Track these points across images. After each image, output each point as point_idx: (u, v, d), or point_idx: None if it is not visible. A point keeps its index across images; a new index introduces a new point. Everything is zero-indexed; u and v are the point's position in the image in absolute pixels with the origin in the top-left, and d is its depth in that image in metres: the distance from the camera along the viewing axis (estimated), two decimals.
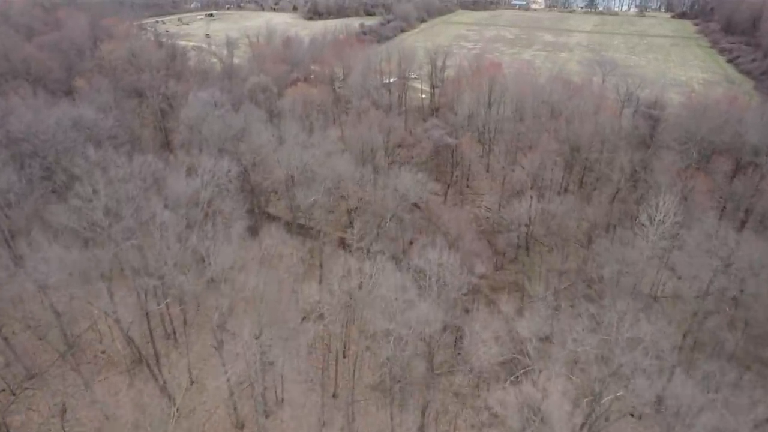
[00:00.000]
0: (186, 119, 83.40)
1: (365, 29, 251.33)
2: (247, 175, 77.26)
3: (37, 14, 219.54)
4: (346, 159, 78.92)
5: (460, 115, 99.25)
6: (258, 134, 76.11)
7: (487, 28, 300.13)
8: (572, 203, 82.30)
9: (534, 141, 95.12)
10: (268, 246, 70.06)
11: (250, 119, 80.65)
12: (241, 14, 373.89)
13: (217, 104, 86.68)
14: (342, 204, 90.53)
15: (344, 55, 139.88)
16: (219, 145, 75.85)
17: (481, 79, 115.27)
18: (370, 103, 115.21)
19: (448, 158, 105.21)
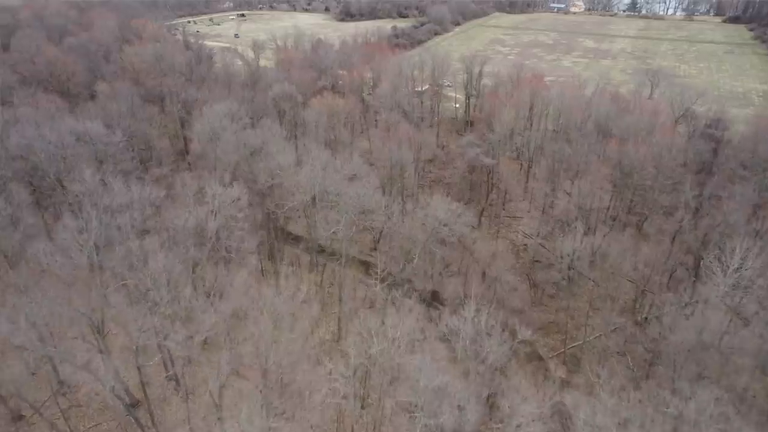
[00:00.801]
0: (200, 134, 77.37)
1: (397, 32, 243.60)
2: (262, 199, 70.52)
3: (71, 15, 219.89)
4: (371, 182, 71.15)
5: (498, 133, 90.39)
6: (276, 153, 69.23)
7: (524, 32, 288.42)
8: (625, 240, 72.53)
9: (581, 164, 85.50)
10: (284, 278, 62.93)
11: (268, 136, 73.83)
12: (272, 14, 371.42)
13: (234, 118, 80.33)
14: (367, 232, 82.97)
15: (374, 62, 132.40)
16: (233, 165, 69.41)
17: (521, 92, 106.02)
18: (399, 114, 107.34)
19: (483, 178, 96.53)
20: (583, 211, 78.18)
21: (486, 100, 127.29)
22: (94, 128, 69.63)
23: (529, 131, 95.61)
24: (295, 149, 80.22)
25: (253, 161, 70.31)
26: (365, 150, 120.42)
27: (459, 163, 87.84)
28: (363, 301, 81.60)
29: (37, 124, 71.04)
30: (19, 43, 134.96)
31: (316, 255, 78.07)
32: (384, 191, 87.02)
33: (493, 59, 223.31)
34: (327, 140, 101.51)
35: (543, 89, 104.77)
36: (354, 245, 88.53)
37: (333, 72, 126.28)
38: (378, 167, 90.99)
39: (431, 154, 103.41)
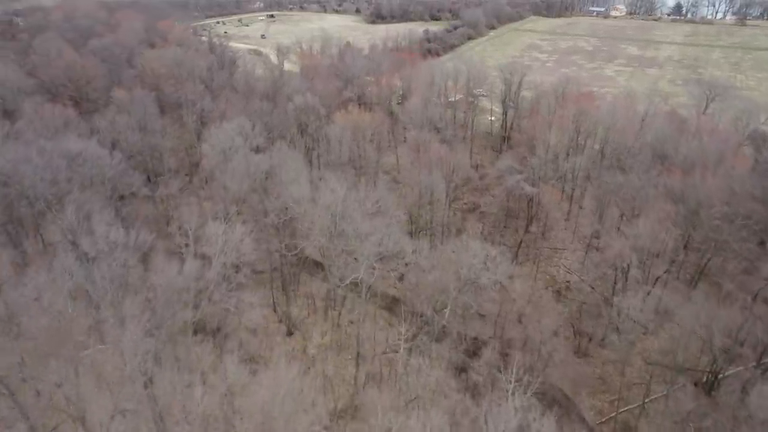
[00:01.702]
0: (209, 155, 70.13)
1: (429, 36, 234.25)
2: (276, 231, 62.49)
3: (100, 16, 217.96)
4: (397, 217, 62.41)
5: (540, 157, 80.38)
6: (290, 183, 61.16)
7: (562, 37, 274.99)
8: (692, 293, 61.77)
9: (637, 197, 74.80)
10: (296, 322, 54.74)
11: (283, 161, 65.79)
12: (302, 16, 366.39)
13: (247, 137, 72.71)
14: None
15: (404, 70, 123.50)
16: (242, 193, 61.78)
17: (565, 109, 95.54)
18: (430, 130, 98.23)
19: (522, 207, 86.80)
20: (640, 254, 67.62)
21: (525, 114, 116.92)
22: (90, 149, 62.66)
23: (575, 156, 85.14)
24: (312, 170, 71.96)
25: (264, 192, 62.55)
26: (392, 167, 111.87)
27: (497, 190, 78.43)
28: (385, 344, 72.95)
29: (28, 143, 64.89)
30: (39, 46, 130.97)
31: (334, 291, 69.70)
32: (411, 221, 78.22)
33: (530, 67, 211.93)
34: (351, 158, 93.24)
35: (592, 108, 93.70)
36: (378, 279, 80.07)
37: (360, 81, 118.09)
38: (405, 193, 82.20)
39: (464, 175, 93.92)
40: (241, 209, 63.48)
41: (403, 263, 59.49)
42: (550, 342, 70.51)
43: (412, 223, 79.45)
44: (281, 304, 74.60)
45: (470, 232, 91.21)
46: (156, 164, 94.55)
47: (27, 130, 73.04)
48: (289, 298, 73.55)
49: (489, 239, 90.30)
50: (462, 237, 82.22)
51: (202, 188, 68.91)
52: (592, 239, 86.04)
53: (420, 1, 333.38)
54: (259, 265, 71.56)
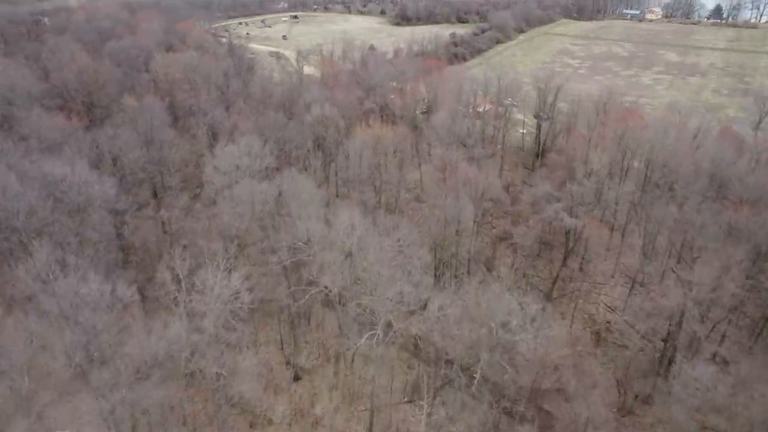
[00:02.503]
0: (211, 180, 63.31)
1: (456, 40, 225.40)
2: (283, 271, 55.25)
3: (121, 17, 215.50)
4: (419, 256, 54.56)
5: (582, 184, 71.49)
6: (299, 218, 53.72)
7: (595, 42, 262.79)
8: (754, 347, 52.47)
9: (696, 237, 65.45)
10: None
11: (293, 188, 58.42)
12: (326, 17, 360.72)
13: (256, 157, 65.54)
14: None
15: (430, 78, 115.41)
16: (244, 229, 54.55)
17: (608, 127, 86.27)
18: (457, 147, 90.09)
19: (559, 238, 78.11)
20: (699, 305, 58.46)
21: (561, 128, 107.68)
22: (78, 172, 56.02)
23: (618, 180, 75.89)
24: (329, 186, 64.30)
25: (272, 227, 55.35)
26: (415, 183, 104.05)
27: (532, 220, 69.94)
28: (404, 390, 65.18)
29: (10, 165, 58.91)
30: (50, 49, 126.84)
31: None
32: (436, 253, 70.21)
33: (562, 73, 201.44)
34: (371, 176, 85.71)
35: (637, 125, 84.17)
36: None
37: (382, 91, 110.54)
38: (429, 215, 74.30)
39: (495, 197, 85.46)
40: (245, 243, 56.67)
41: (428, 318, 51.73)
42: (589, 395, 62.27)
43: (437, 255, 71.47)
44: (289, 342, 67.49)
45: (501, 266, 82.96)
46: (165, 178, 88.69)
47: (17, 148, 67.19)
48: (298, 338, 66.27)
49: (521, 272, 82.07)
50: (492, 274, 74.07)
51: (206, 217, 62.26)
52: (637, 274, 76.86)
53: (446, 3, 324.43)
54: (268, 295, 64.90)
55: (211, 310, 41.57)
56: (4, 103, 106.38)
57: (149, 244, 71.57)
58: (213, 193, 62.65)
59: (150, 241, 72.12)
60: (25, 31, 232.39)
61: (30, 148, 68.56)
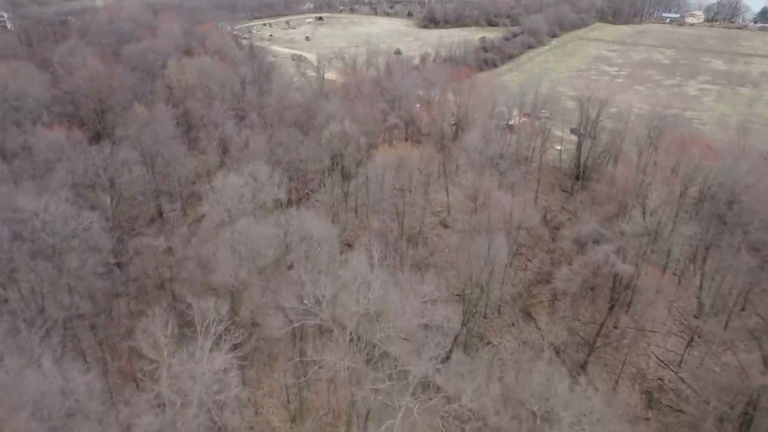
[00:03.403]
0: (209, 214, 55.55)
1: (486, 44, 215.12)
2: (285, 336, 46.80)
3: (143, 18, 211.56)
4: (446, 313, 45.65)
5: (637, 223, 61.46)
6: (308, 270, 45.36)
7: (633, 48, 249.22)
8: None
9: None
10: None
11: (300, 229, 50.04)
12: (351, 18, 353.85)
13: (262, 188, 57.44)
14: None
15: (460, 92, 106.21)
16: (240, 285, 46.36)
17: (664, 154, 75.89)
18: (490, 170, 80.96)
19: (605, 283, 68.20)
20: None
21: (605, 149, 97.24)
22: (51, 212, 48.69)
23: (683, 222, 65.57)
24: (347, 213, 56.05)
25: (274, 276, 47.26)
26: (441, 205, 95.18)
27: (577, 262, 60.31)
28: None
29: None
30: (63, 53, 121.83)
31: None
32: (464, 302, 61.27)
33: (599, 82, 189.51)
34: (395, 203, 77.13)
35: (702, 154, 73.25)
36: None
37: (408, 104, 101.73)
38: (457, 261, 65.36)
39: (531, 226, 75.93)
40: (243, 299, 48.78)
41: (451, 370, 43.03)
42: None
43: (465, 299, 62.50)
44: (293, 400, 59.30)
45: (537, 305, 73.44)
46: (169, 197, 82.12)
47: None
48: (304, 408, 57.71)
49: (558, 314, 72.43)
50: (530, 325, 64.72)
51: (201, 261, 54.81)
52: (696, 324, 66.59)
53: (476, 5, 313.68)
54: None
55: (191, 401, 33.64)
56: (11, 110, 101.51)
57: (145, 282, 64.59)
58: (212, 230, 54.97)
59: (146, 278, 65.14)
60: (50, 32, 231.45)
61: (14, 171, 62.36)
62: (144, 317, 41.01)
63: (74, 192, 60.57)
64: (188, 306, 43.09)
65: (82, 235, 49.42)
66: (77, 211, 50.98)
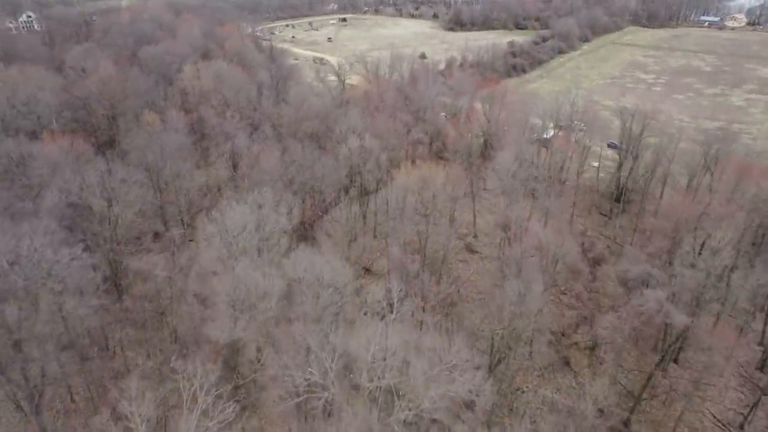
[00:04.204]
0: (203, 252, 49.10)
1: (515, 49, 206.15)
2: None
3: (165, 18, 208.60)
4: None
5: (694, 263, 53.19)
6: (311, 330, 38.40)
7: (670, 53, 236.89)
8: None
9: None
10: None
11: (307, 274, 43.31)
12: (375, 20, 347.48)
13: (264, 213, 50.89)
14: None
15: (488, 97, 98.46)
16: (234, 344, 39.69)
17: (723, 182, 67.09)
18: (523, 193, 73.23)
19: (655, 332, 59.84)
20: None
21: (648, 168, 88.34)
22: (26, 247, 43.04)
23: (747, 263, 57.04)
24: (366, 236, 49.17)
25: (274, 329, 40.46)
26: (467, 227, 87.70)
27: (626, 312, 52.29)
28: None
29: None
30: (77, 56, 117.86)
31: None
32: (492, 351, 53.93)
33: (634, 90, 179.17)
34: (418, 230, 70.00)
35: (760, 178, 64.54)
36: None
37: (433, 117, 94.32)
38: (485, 301, 57.92)
39: (570, 263, 67.80)
40: (237, 364, 42.50)
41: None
42: None
43: (494, 344, 55.11)
44: None
45: (575, 352, 65.40)
46: (179, 206, 76.63)
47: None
48: None
49: (599, 360, 64.32)
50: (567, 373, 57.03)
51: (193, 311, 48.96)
52: (757, 371, 57.90)
53: (503, 8, 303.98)
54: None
55: None
56: (19, 116, 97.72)
57: (145, 307, 58.93)
58: (212, 263, 48.66)
59: (148, 302, 59.49)
60: (74, 33, 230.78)
61: (4, 188, 57.26)
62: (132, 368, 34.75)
63: (67, 215, 55.37)
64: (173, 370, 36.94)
65: (62, 273, 43.68)
66: (58, 246, 45.31)
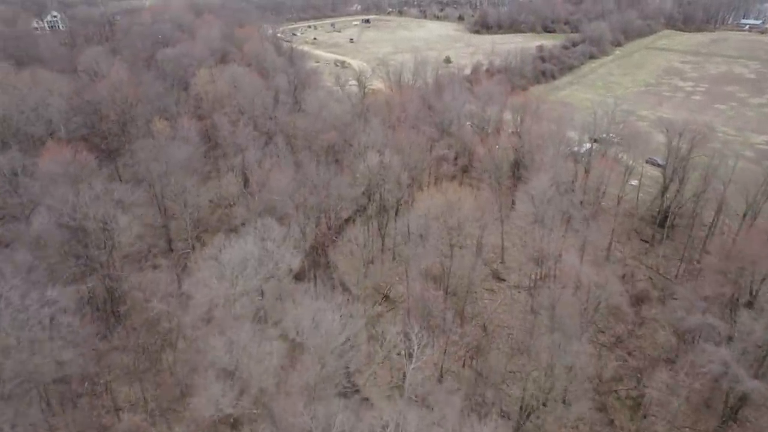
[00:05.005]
0: (193, 300, 43.10)
1: (544, 54, 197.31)
2: None
3: (185, 19, 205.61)
4: None
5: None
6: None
7: (709, 59, 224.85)
8: None
9: None
10: None
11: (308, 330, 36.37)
12: (399, 22, 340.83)
13: (269, 245, 44.81)
14: None
15: (521, 117, 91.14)
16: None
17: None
18: (561, 219, 65.90)
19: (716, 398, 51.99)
20: None
21: (697, 192, 79.96)
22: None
23: None
24: (383, 258, 42.85)
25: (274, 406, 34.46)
26: (495, 251, 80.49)
27: (683, 373, 44.67)
28: None
29: None
30: (89, 59, 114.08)
31: None
32: (521, 412, 47.02)
33: (672, 99, 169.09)
34: (439, 267, 63.39)
35: None
36: None
37: (460, 130, 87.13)
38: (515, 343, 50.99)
39: (613, 303, 60.04)
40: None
41: None
42: None
43: (523, 407, 48.18)
44: None
45: (619, 413, 57.66)
46: (184, 225, 71.48)
47: None
48: None
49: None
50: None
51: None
52: None
53: (531, 10, 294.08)
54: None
55: None
56: (27, 124, 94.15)
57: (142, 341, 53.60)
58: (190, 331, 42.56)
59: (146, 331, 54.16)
60: (96, 33, 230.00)
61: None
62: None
63: (59, 237, 50.56)
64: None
65: (30, 321, 38.42)
66: (29, 288, 40.03)
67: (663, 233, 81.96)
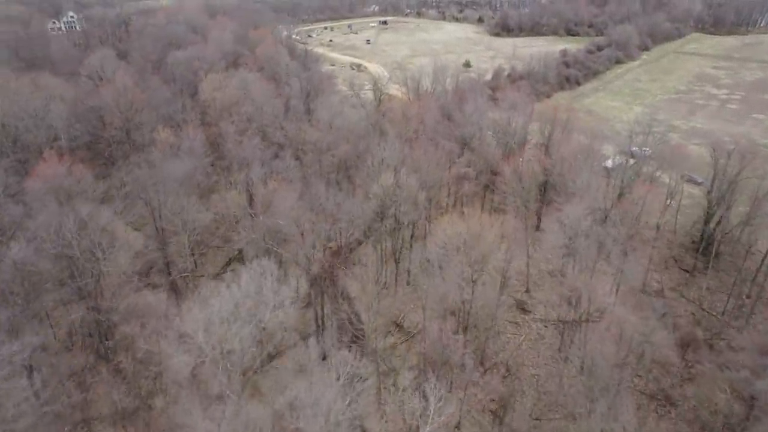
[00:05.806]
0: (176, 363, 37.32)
1: (568, 58, 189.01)
2: None
3: (199, 21, 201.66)
4: None
5: None
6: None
7: (743, 64, 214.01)
8: None
9: None
10: None
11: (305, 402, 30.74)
12: (417, 23, 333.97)
13: (266, 288, 39.20)
14: None
15: (551, 127, 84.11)
16: None
17: None
18: (596, 247, 58.83)
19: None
20: None
21: (746, 218, 72.16)
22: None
23: None
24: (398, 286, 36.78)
25: None
26: (521, 277, 73.68)
27: None
28: None
29: None
30: (93, 63, 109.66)
31: None
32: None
33: (705, 107, 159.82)
34: (459, 308, 56.87)
35: None
36: None
37: (482, 145, 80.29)
38: None
39: (660, 357, 52.70)
40: None
41: None
42: None
43: None
44: None
45: None
46: (184, 247, 66.25)
47: None
48: None
49: None
50: None
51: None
52: None
53: (554, 13, 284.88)
54: None
55: None
56: (25, 132, 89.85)
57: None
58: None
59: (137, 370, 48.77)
60: (110, 34, 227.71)
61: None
62: None
63: (40, 266, 45.57)
64: None
65: None
66: None
67: (706, 262, 74.26)
